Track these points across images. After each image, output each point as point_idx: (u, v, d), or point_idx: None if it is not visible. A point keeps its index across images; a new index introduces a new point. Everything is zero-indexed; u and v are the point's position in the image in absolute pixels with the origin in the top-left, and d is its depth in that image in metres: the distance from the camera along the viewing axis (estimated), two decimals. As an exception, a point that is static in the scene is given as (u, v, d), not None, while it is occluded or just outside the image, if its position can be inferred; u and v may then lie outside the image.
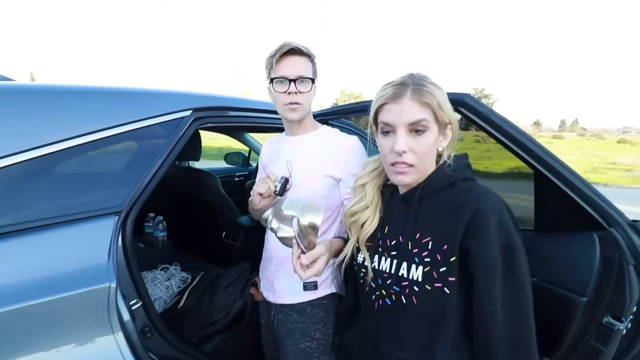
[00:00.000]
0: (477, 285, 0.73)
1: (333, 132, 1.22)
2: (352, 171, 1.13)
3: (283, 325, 1.21)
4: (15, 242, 0.82)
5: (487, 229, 0.71)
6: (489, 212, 0.72)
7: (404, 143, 0.75)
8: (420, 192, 0.81)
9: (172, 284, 1.70)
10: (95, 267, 0.86)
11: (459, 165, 0.83)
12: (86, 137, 0.96)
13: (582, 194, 0.90)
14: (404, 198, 0.85)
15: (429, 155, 0.78)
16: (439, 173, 0.81)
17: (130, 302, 0.96)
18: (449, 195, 0.79)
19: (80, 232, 0.87)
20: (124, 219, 0.98)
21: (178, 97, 1.24)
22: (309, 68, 1.14)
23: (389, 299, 0.83)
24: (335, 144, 1.16)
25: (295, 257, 0.85)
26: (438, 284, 0.75)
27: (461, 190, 0.79)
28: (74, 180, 0.94)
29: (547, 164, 0.93)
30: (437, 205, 0.79)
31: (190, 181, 2.38)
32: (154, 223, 2.00)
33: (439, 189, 0.80)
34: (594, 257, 0.90)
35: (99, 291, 0.85)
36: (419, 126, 0.75)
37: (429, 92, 0.74)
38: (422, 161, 0.78)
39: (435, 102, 0.74)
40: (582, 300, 0.91)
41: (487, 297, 0.72)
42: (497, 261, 0.71)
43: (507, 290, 0.72)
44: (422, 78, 0.77)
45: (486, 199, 0.74)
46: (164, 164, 1.12)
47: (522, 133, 0.94)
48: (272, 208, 0.95)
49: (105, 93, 1.06)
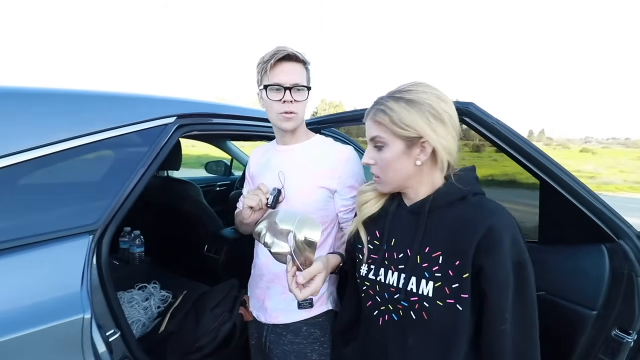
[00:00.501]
0: (489, 304, 0.72)
1: (327, 142, 1.17)
2: (348, 182, 1.09)
3: (276, 347, 1.13)
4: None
5: (502, 248, 0.70)
6: (503, 230, 0.71)
7: (367, 156, 0.82)
8: (430, 204, 0.79)
9: (151, 305, 1.57)
10: (66, 296, 0.75)
11: (469, 178, 0.81)
12: (55, 146, 0.85)
13: (589, 206, 0.89)
14: (412, 210, 0.83)
15: (393, 168, 0.79)
16: (449, 186, 0.80)
17: (107, 333, 0.85)
18: (459, 210, 0.77)
19: (48, 256, 0.75)
20: (100, 238, 0.87)
21: (161, 103, 1.14)
22: (304, 75, 1.08)
23: (395, 314, 0.80)
24: (330, 154, 1.10)
25: (290, 275, 0.81)
26: (450, 300, 0.73)
27: (472, 205, 0.77)
28: (41, 196, 0.82)
29: (553, 174, 0.91)
30: (448, 219, 0.77)
31: (169, 192, 2.25)
32: (130, 238, 1.85)
33: (449, 203, 0.79)
34: (603, 270, 0.88)
35: (71, 324, 0.73)
36: (376, 142, 0.79)
37: (382, 110, 0.77)
38: (385, 174, 0.80)
39: (386, 119, 0.76)
40: (592, 314, 0.89)
41: (499, 317, 0.71)
42: (510, 281, 0.71)
43: (517, 308, 0.72)
44: (389, 95, 0.79)
45: (500, 216, 0.73)
46: (145, 175, 1.02)
47: (528, 143, 0.92)
48: (266, 221, 0.88)
49: (79, 97, 0.95)
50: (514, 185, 5.11)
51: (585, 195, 0.89)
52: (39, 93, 0.87)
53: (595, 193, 0.89)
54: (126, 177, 0.97)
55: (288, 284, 0.80)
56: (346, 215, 1.11)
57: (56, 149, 0.83)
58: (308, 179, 1.08)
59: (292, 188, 1.09)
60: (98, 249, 0.88)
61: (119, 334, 0.89)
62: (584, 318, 0.90)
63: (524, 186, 3.30)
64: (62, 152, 0.84)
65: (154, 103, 1.15)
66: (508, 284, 0.70)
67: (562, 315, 0.94)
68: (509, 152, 0.94)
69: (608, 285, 0.88)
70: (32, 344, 0.70)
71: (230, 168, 3.55)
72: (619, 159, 28.65)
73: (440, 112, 0.75)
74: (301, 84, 1.06)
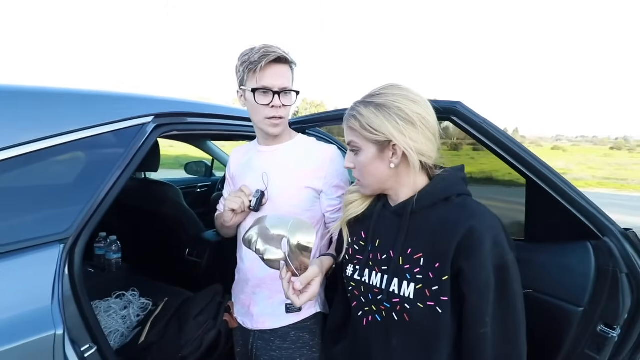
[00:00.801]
0: (469, 307, 0.71)
1: (310, 141, 1.15)
2: (334, 182, 1.07)
3: (264, 354, 1.09)
4: None
5: (482, 250, 0.69)
6: (484, 232, 0.70)
7: (347, 160, 0.84)
8: (412, 205, 0.79)
9: (130, 313, 1.49)
10: (35, 312, 0.68)
11: (454, 178, 0.81)
12: (20, 148, 0.78)
13: (575, 204, 0.90)
14: (395, 211, 0.82)
15: (370, 172, 0.80)
16: (432, 187, 0.80)
17: (82, 349, 0.79)
18: (442, 211, 0.76)
19: (13, 269, 0.69)
20: (72, 247, 0.81)
21: (137, 102, 1.08)
22: (291, 77, 1.05)
23: (379, 315, 0.81)
24: (314, 153, 1.08)
25: (285, 281, 0.79)
26: (430, 302, 0.73)
27: (455, 206, 0.76)
28: (5, 203, 0.75)
29: (540, 173, 0.92)
30: (430, 220, 0.77)
31: (148, 194, 2.16)
32: (105, 244, 1.76)
33: (432, 204, 0.78)
34: (589, 267, 0.89)
35: (41, 341, 0.67)
36: (352, 147, 0.81)
37: (353, 115, 0.79)
38: (364, 177, 0.82)
39: (357, 124, 0.77)
40: (578, 310, 0.91)
41: (479, 320, 0.70)
42: (490, 283, 0.70)
43: (499, 312, 0.71)
44: (360, 101, 0.80)
45: (482, 217, 0.72)
46: (121, 178, 0.96)
47: (515, 142, 0.92)
48: (257, 227, 0.84)
49: (48, 95, 0.88)
50: (491, 182, 5.25)
51: (571, 194, 0.90)
52: (2, 90, 0.79)
53: (581, 191, 0.90)
54: (100, 181, 0.90)
55: (284, 290, 0.78)
56: (333, 215, 1.08)
57: (21, 152, 0.77)
58: (292, 179, 1.05)
59: (277, 189, 1.05)
60: (70, 259, 0.81)
61: (95, 349, 0.83)
62: (571, 315, 0.91)
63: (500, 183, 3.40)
64: (29, 154, 0.77)
65: (130, 102, 1.09)
66: (488, 287, 0.69)
67: (549, 313, 0.95)
68: (497, 152, 0.94)
69: (594, 282, 0.89)
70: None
71: (211, 169, 3.46)
72: (588, 156, 30.10)
73: (410, 115, 0.74)
74: (290, 88, 1.03)
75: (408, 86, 0.79)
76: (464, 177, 0.82)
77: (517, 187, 1.12)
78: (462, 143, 9.79)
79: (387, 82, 0.82)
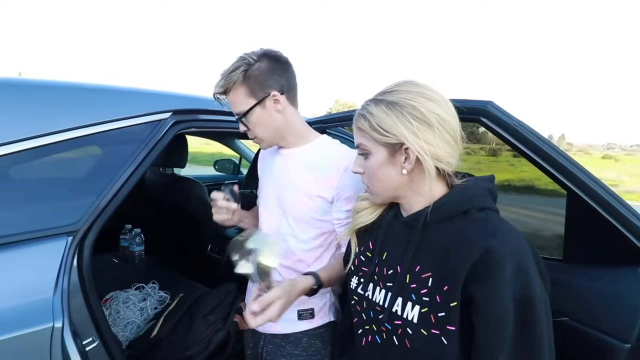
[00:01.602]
0: (479, 341, 0.61)
1: (330, 145, 1.07)
2: (345, 193, 0.99)
3: (274, 358, 1.06)
4: None
5: (501, 276, 0.59)
6: (505, 255, 0.59)
7: (356, 164, 0.76)
8: (425, 217, 0.69)
9: (148, 306, 1.52)
10: (35, 303, 0.69)
11: (478, 190, 0.69)
12: (34, 140, 0.79)
13: (625, 221, 0.78)
14: (406, 222, 0.73)
15: (379, 178, 0.72)
16: (450, 197, 0.69)
17: (84, 342, 0.79)
18: (459, 226, 0.66)
19: (17, 259, 0.70)
20: (81, 239, 0.82)
21: (156, 97, 1.09)
22: (244, 94, 0.96)
23: (379, 336, 0.73)
24: (330, 160, 1.00)
25: (252, 298, 0.79)
26: (435, 330, 0.63)
27: (475, 222, 0.65)
28: (12, 194, 0.77)
29: (582, 184, 0.80)
30: (444, 235, 0.67)
31: (174, 190, 2.21)
32: (130, 236, 1.82)
33: (448, 217, 0.68)
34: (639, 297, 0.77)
35: (38, 333, 0.68)
36: (360, 150, 0.74)
37: (362, 115, 0.71)
38: (373, 184, 0.74)
39: (366, 125, 0.70)
40: (624, 347, 0.78)
41: (489, 359, 0.60)
42: (508, 317, 0.59)
43: (519, 353, 0.59)
44: (371, 100, 0.72)
45: (504, 238, 0.61)
46: (135, 172, 0.96)
47: (554, 148, 0.82)
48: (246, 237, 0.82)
49: (63, 89, 0.90)
50: (532, 191, 4.89)
51: (621, 210, 0.78)
52: (18, 84, 0.81)
53: (632, 207, 0.78)
54: (113, 175, 0.91)
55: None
56: (340, 229, 1.01)
57: (35, 144, 0.78)
58: (305, 186, 1.00)
59: (290, 196, 1.01)
60: (79, 252, 0.82)
61: (98, 342, 0.83)
62: (616, 351, 0.79)
63: (542, 192, 3.14)
64: (42, 147, 0.79)
65: (149, 97, 1.10)
66: (505, 323, 0.59)
67: (588, 346, 0.83)
68: (532, 158, 0.83)
69: (645, 314, 0.76)
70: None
71: (239, 167, 3.51)
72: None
73: (426, 114, 0.65)
74: (243, 110, 0.97)
75: (426, 82, 0.70)
76: (491, 189, 0.72)
77: (560, 198, 0.99)
78: (502, 149, 9.23)
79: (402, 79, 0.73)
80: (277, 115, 0.99)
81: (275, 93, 0.97)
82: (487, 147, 9.75)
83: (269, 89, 0.96)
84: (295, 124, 1.04)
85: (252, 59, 0.94)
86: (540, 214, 2.12)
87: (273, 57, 0.98)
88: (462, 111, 0.71)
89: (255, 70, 0.94)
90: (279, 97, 0.97)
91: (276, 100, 0.97)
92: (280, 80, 0.98)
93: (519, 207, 3.26)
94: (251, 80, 0.94)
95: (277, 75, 0.97)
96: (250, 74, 0.94)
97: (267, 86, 0.96)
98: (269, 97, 0.96)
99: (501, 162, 6.83)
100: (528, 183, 5.28)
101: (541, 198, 2.84)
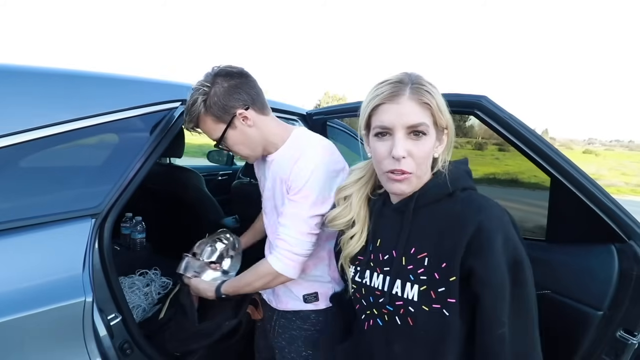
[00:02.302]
0: (484, 308, 0.66)
1: (293, 145, 1.02)
2: (286, 208, 0.97)
3: (285, 332, 1.13)
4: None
5: (494, 247, 0.65)
6: (494, 228, 0.65)
7: (403, 148, 0.67)
8: (415, 202, 0.73)
9: (152, 291, 1.56)
10: (68, 279, 0.74)
11: (458, 172, 0.75)
12: (57, 127, 0.83)
13: (601, 205, 0.87)
14: (397, 208, 0.77)
15: (426, 161, 0.71)
16: (435, 181, 0.74)
17: (108, 317, 0.84)
18: (447, 207, 0.71)
19: (50, 238, 0.74)
20: (102, 221, 0.86)
21: (167, 87, 1.12)
22: (212, 123, 0.97)
23: (380, 319, 0.76)
24: (289, 164, 0.98)
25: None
26: (436, 305, 0.68)
27: (461, 202, 0.71)
28: (43, 177, 0.81)
29: (564, 171, 0.89)
30: (435, 217, 0.72)
31: (172, 179, 2.24)
32: (131, 224, 1.84)
33: (436, 200, 0.73)
34: (612, 270, 0.87)
35: (72, 307, 0.73)
36: (419, 128, 0.68)
37: (429, 91, 0.68)
38: (420, 168, 0.71)
39: (434, 103, 0.68)
40: (597, 314, 0.88)
41: (496, 321, 0.66)
42: (505, 281, 0.65)
43: (514, 310, 0.66)
44: (419, 77, 0.70)
45: (490, 213, 0.67)
46: (148, 160, 1.01)
47: (541, 139, 0.90)
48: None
49: (82, 78, 0.93)
50: (516, 184, 5.06)
51: (597, 194, 0.87)
52: (39, 72, 0.85)
53: (607, 192, 0.87)
54: (129, 162, 0.95)
55: None
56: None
57: (57, 131, 0.82)
58: (271, 199, 1.07)
59: (279, 200, 1.04)
60: (100, 233, 0.87)
61: (120, 319, 0.88)
62: (589, 318, 0.89)
63: (526, 185, 3.28)
64: (63, 133, 0.82)
65: (161, 87, 1.13)
66: (504, 286, 0.65)
67: (567, 314, 0.93)
68: (521, 148, 0.92)
69: (615, 286, 0.86)
70: (33, 326, 0.69)
71: (232, 158, 3.53)
72: (622, 162, 28.55)
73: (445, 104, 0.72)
74: (217, 137, 0.99)
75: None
76: (468, 170, 0.78)
77: (542, 191, 1.08)
78: (487, 143, 9.44)
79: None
80: (251, 130, 0.99)
81: (241, 111, 0.96)
82: (474, 141, 10.00)
83: (233, 109, 0.95)
84: (271, 130, 1.03)
85: (206, 86, 0.94)
86: (523, 206, 2.22)
87: (226, 76, 0.96)
88: (462, 104, 0.79)
89: (213, 96, 0.93)
90: (246, 113, 0.96)
91: (244, 117, 0.97)
92: (242, 97, 0.96)
93: (504, 199, 3.35)
94: (213, 108, 0.94)
95: (236, 92, 0.96)
96: (210, 103, 0.94)
97: (230, 107, 0.95)
98: (236, 117, 0.96)
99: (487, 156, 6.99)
100: (512, 176, 5.42)
101: (525, 191, 2.97)
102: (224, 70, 0.97)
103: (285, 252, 0.96)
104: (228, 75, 0.96)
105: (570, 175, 0.88)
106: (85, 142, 0.89)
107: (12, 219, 0.73)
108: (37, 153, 0.81)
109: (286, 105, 1.65)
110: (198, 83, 0.96)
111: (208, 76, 0.96)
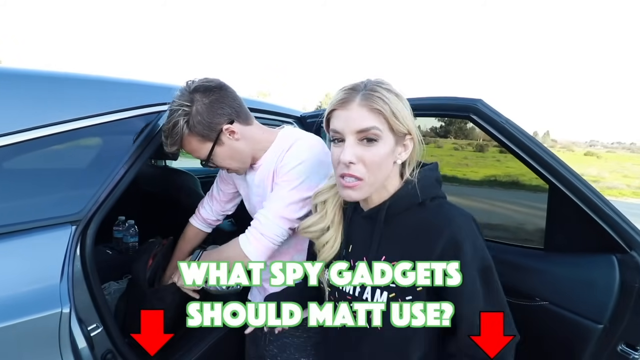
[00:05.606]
0: (462, 317, 0.70)
1: (281, 143, 1.01)
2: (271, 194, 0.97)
3: (277, 339, 1.10)
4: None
5: (465, 257, 0.67)
6: (464, 238, 0.68)
7: (350, 153, 0.67)
8: (386, 211, 0.74)
9: (142, 296, 1.53)
10: (44, 289, 0.71)
11: (428, 180, 0.75)
12: (37, 131, 0.79)
13: (601, 213, 0.84)
14: (368, 215, 0.77)
15: (381, 167, 0.70)
16: (406, 190, 0.74)
17: (88, 328, 0.81)
18: (417, 217, 0.73)
19: (26, 247, 0.71)
20: (84, 229, 0.83)
21: (155, 90, 1.09)
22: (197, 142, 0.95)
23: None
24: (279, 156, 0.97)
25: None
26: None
27: (430, 212, 0.72)
28: (20, 183, 0.78)
29: (563, 179, 0.86)
30: (405, 226, 0.73)
31: (167, 182, 2.21)
32: (124, 228, 1.82)
33: (407, 209, 0.74)
34: (613, 282, 0.84)
35: (47, 318, 0.70)
36: (369, 134, 0.67)
37: (381, 97, 0.67)
38: (373, 174, 0.69)
39: (387, 109, 0.67)
40: (598, 327, 0.85)
41: (472, 327, 0.69)
42: (477, 289, 0.69)
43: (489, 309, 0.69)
44: (376, 83, 0.70)
45: (459, 223, 0.69)
46: (135, 163, 0.98)
47: (539, 145, 0.87)
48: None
49: (65, 80, 0.90)
50: (517, 186, 5.03)
51: (597, 202, 0.84)
52: (21, 74, 0.82)
53: (608, 200, 0.84)
54: (115, 166, 0.92)
55: None
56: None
57: (38, 134, 0.79)
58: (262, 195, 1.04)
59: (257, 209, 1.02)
60: (82, 241, 0.84)
61: (102, 329, 0.85)
62: (589, 331, 0.86)
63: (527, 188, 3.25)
64: (45, 137, 0.80)
65: (149, 89, 1.11)
66: (477, 294, 0.68)
67: (566, 327, 0.90)
68: (518, 154, 0.89)
69: (617, 298, 0.83)
70: (6, 338, 0.66)
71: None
72: (623, 164, 28.47)
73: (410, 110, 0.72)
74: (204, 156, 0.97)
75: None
76: (438, 177, 0.77)
77: (543, 193, 1.06)
78: (489, 145, 9.37)
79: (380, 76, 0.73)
80: (239, 143, 0.96)
81: (227, 126, 0.93)
82: (475, 142, 9.99)
83: (218, 125, 0.92)
84: (257, 139, 1.01)
85: (185, 105, 0.90)
86: (524, 209, 2.20)
87: (205, 91, 0.92)
88: (457, 108, 0.76)
89: (195, 115, 0.90)
90: (232, 127, 0.94)
91: (231, 132, 0.94)
92: (225, 111, 0.93)
93: (505, 201, 3.33)
94: (197, 127, 0.90)
95: (219, 107, 0.92)
96: (193, 122, 0.90)
97: (215, 124, 0.92)
98: (222, 133, 0.93)
99: (488, 157, 6.97)
100: (513, 178, 5.39)
101: (526, 193, 2.93)
102: (202, 85, 0.92)
103: (253, 231, 0.94)
104: (207, 90, 0.92)
105: (568, 182, 0.86)
106: (68, 146, 0.86)
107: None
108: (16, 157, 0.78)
109: (281, 107, 1.62)
110: (175, 103, 0.91)
111: (184, 94, 0.91)
